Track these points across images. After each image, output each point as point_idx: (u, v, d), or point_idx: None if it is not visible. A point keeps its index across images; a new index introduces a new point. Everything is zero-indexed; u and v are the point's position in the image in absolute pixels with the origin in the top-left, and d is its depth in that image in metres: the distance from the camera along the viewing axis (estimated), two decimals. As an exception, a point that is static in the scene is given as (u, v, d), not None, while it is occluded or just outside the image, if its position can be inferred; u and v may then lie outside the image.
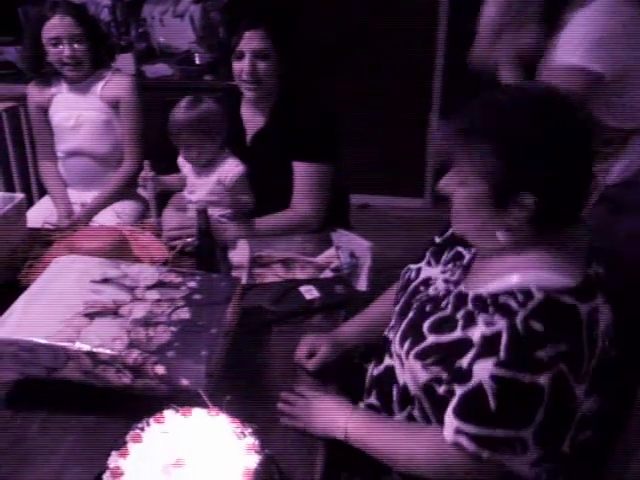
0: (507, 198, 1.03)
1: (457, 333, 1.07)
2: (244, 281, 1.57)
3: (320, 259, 1.70)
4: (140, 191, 2.13)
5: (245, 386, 1.27)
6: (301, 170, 1.91)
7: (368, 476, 1.22)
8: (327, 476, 1.15)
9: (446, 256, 1.27)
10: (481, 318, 1.03)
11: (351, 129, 2.38)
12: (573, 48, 1.56)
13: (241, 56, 1.84)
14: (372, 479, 1.21)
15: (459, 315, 1.09)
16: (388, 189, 3.62)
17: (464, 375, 1.03)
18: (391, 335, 1.23)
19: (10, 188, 2.81)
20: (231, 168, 1.85)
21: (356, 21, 3.34)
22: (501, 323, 1.00)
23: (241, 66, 1.85)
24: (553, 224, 1.06)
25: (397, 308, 1.27)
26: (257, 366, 1.35)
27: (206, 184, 1.86)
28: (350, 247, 1.82)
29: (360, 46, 3.38)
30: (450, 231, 1.29)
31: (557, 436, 1.03)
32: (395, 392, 1.18)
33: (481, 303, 1.06)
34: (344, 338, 1.41)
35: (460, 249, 1.25)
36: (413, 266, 1.32)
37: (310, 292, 1.55)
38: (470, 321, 1.06)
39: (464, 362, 1.03)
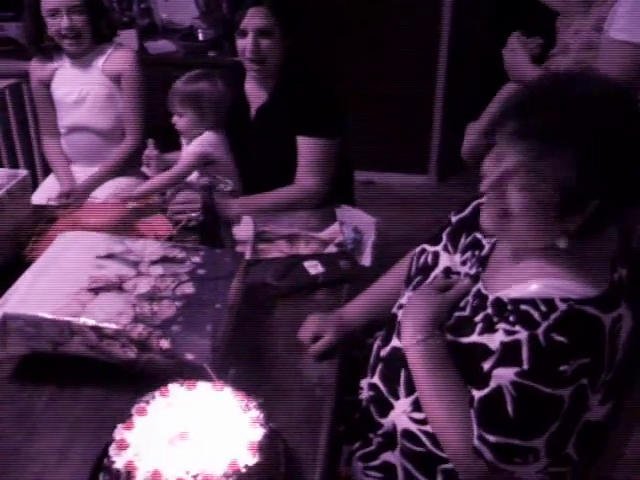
0: (577, 205, 0.96)
1: (474, 337, 1.06)
2: (248, 256, 1.57)
3: (324, 234, 1.70)
4: (144, 169, 2.13)
5: (249, 360, 1.28)
6: (305, 145, 1.89)
7: (371, 451, 1.22)
8: (331, 450, 1.16)
9: (463, 242, 1.23)
10: (501, 326, 1.02)
11: (356, 105, 2.37)
12: (626, 25, 1.55)
13: (244, 33, 1.83)
14: (375, 454, 1.22)
15: (478, 318, 1.07)
16: (392, 166, 3.60)
17: (482, 379, 1.02)
18: (400, 313, 1.21)
19: (14, 165, 2.80)
20: (203, 138, 1.87)
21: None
22: (522, 333, 0.98)
23: (244, 44, 1.83)
24: (602, 225, 1.01)
25: (412, 293, 1.24)
26: (261, 340, 1.36)
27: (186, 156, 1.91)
28: (354, 222, 1.82)
29: (365, 20, 3.34)
30: (467, 212, 1.26)
31: (564, 443, 1.03)
32: (403, 375, 1.15)
33: (501, 308, 1.04)
34: (349, 319, 1.40)
35: (479, 236, 1.20)
36: (429, 248, 1.28)
37: (314, 267, 1.55)
38: (489, 327, 1.04)
39: (482, 366, 1.03)
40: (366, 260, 1.73)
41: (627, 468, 1.29)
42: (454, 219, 1.29)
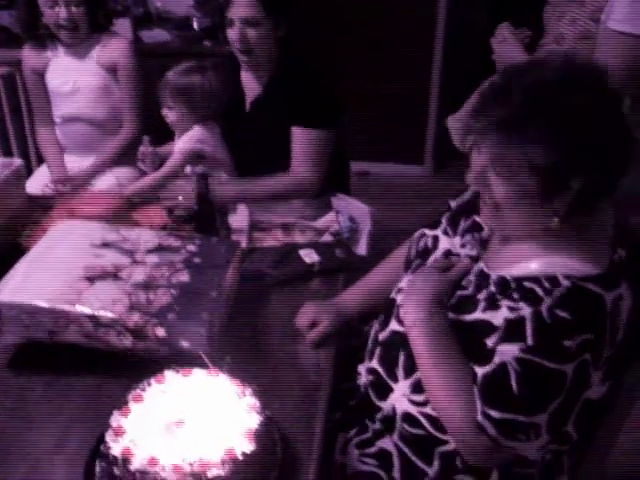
0: (558, 186, 0.98)
1: (477, 314, 1.07)
2: (244, 245, 1.57)
3: (320, 223, 1.70)
4: (140, 165, 2.13)
5: (245, 348, 1.28)
6: (300, 136, 1.89)
7: (367, 438, 1.23)
8: (326, 437, 1.16)
9: (463, 225, 1.24)
10: (505, 303, 1.03)
11: (351, 96, 2.36)
12: (627, 16, 1.55)
13: (232, 23, 1.81)
14: (371, 441, 1.22)
15: (481, 296, 1.08)
16: (388, 156, 3.60)
17: (485, 355, 1.02)
18: (399, 298, 1.21)
19: (8, 155, 2.79)
20: (192, 134, 1.87)
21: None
22: (526, 310, 0.99)
23: (232, 33, 1.82)
24: (591, 203, 1.02)
25: (411, 276, 1.23)
26: (257, 328, 1.36)
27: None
28: (350, 211, 1.83)
29: (361, 15, 3.33)
30: (466, 197, 1.27)
31: (564, 420, 1.04)
32: (402, 358, 1.16)
33: (504, 286, 1.05)
34: (345, 307, 1.40)
35: (478, 219, 1.21)
36: (429, 232, 1.28)
37: (310, 256, 1.55)
38: (492, 304, 1.05)
39: (486, 343, 1.03)
40: (361, 249, 1.74)
41: (620, 456, 1.30)
42: (453, 204, 1.30)
